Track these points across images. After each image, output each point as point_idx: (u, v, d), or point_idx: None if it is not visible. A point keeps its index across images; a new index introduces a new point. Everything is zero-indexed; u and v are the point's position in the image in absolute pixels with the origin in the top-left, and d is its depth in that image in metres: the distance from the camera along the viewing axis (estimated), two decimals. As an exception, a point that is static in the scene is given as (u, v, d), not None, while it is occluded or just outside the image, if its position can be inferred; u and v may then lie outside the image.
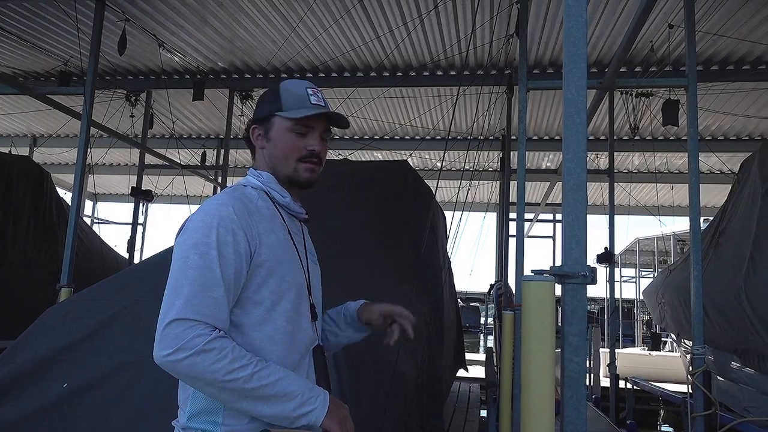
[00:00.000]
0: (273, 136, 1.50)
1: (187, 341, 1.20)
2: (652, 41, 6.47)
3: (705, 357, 4.00)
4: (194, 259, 1.28)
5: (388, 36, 6.66)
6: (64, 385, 2.52)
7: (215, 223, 1.31)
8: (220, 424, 1.30)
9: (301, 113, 1.46)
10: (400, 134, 10.36)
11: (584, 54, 1.57)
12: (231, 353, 1.23)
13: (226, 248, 1.30)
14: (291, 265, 1.43)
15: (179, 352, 1.20)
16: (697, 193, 4.22)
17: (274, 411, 1.27)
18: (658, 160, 10.45)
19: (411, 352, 3.33)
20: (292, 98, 1.48)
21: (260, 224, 1.38)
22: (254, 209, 1.40)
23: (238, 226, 1.33)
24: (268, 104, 1.51)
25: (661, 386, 9.04)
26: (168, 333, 1.21)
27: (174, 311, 1.22)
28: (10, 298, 5.87)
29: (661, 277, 9.12)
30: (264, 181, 1.50)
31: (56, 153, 11.93)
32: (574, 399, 1.35)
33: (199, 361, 1.20)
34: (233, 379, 1.22)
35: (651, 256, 17.09)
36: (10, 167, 6.68)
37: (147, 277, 3.15)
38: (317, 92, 1.52)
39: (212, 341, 1.22)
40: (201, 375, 1.21)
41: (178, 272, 1.28)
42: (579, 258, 1.41)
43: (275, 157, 1.50)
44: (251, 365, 1.25)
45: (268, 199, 1.48)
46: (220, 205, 1.35)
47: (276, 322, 1.37)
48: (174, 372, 1.23)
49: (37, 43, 7.22)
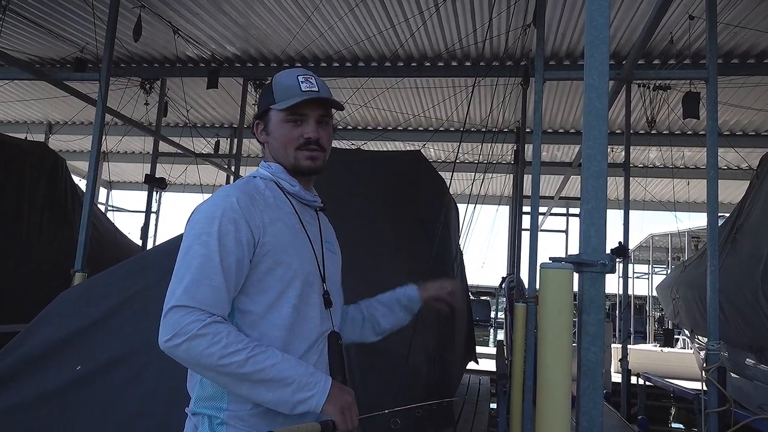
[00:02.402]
0: (271, 129, 1.54)
1: (183, 326, 1.24)
2: (671, 33, 6.36)
3: (720, 353, 3.94)
4: (196, 248, 1.33)
5: (403, 25, 6.61)
6: (78, 367, 2.54)
7: (218, 214, 1.35)
8: (224, 409, 1.34)
9: (289, 102, 1.47)
10: (414, 125, 10.30)
11: (606, 39, 1.53)
12: (225, 338, 1.25)
13: (227, 237, 1.33)
14: (299, 253, 1.44)
15: (176, 338, 1.24)
16: (716, 187, 4.16)
17: (272, 396, 1.28)
18: (674, 155, 10.33)
19: (422, 344, 3.32)
20: (282, 89, 1.51)
21: (265, 213, 1.41)
22: (260, 198, 1.43)
23: (240, 216, 1.36)
24: (265, 99, 1.55)
25: (673, 382, 8.98)
26: (168, 320, 1.26)
27: (174, 299, 1.27)
28: (24, 282, 5.93)
29: (675, 273, 9.03)
30: (273, 171, 1.53)
31: (72, 140, 12.01)
32: (591, 389, 1.33)
33: (194, 346, 1.24)
34: (228, 363, 1.24)
35: (664, 253, 16.94)
36: (25, 153, 6.73)
37: (157, 264, 3.16)
38: (310, 78, 1.52)
39: (207, 326, 1.25)
40: (198, 359, 1.25)
41: (181, 261, 1.34)
42: (598, 246, 1.39)
43: (276, 149, 1.54)
44: (246, 350, 1.27)
45: (276, 189, 1.50)
46: (224, 196, 1.39)
47: (282, 310, 1.39)
48: (174, 357, 1.27)
49: (53, 30, 7.25)
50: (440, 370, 3.80)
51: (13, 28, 7.25)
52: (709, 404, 3.90)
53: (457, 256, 5.42)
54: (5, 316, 5.15)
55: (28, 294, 5.60)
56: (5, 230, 6.15)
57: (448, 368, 4.10)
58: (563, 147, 10.94)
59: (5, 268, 5.93)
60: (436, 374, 3.64)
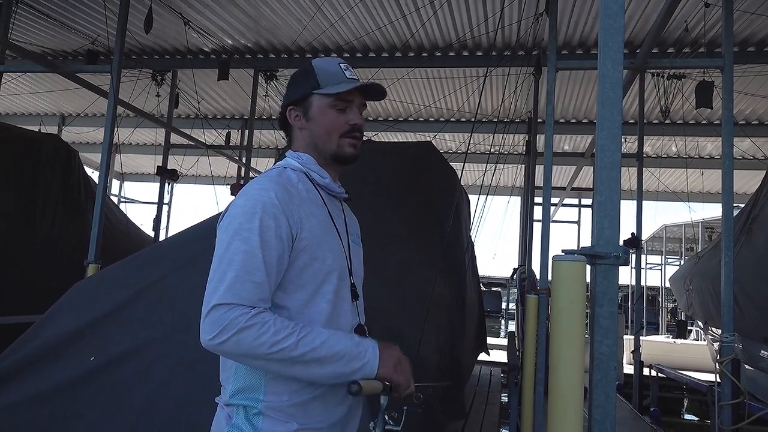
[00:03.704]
0: (313, 114, 1.49)
1: (230, 321, 1.23)
2: (686, 21, 6.27)
3: (734, 345, 3.91)
4: (237, 245, 1.30)
5: (414, 15, 6.57)
6: (92, 358, 2.56)
7: (258, 209, 1.32)
8: (261, 400, 1.33)
9: (341, 88, 1.46)
10: (425, 116, 10.26)
11: (621, 27, 1.51)
12: (273, 325, 1.25)
13: (268, 234, 1.31)
14: (332, 247, 1.43)
15: (224, 333, 1.22)
16: (731, 177, 4.11)
17: (327, 372, 1.29)
18: (688, 145, 10.21)
19: (433, 335, 3.32)
20: (328, 75, 1.48)
21: (301, 208, 1.39)
22: (295, 193, 1.41)
23: (280, 212, 1.34)
24: (304, 84, 1.51)
25: (686, 374, 8.92)
26: (211, 317, 1.24)
27: (216, 297, 1.25)
28: (38, 273, 5.99)
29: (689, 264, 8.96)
30: (303, 162, 1.50)
31: (84, 132, 12.09)
32: (604, 382, 1.32)
33: (243, 338, 1.23)
34: (279, 349, 1.24)
35: (678, 244, 16.79)
36: (39, 145, 6.78)
37: (170, 255, 3.17)
38: (349, 67, 1.52)
39: (253, 317, 1.24)
40: (248, 351, 1.24)
41: (221, 258, 1.31)
42: (611, 238, 1.37)
43: (317, 135, 1.50)
44: (295, 333, 1.27)
45: (307, 181, 1.48)
46: (261, 190, 1.36)
47: (318, 306, 1.39)
48: (222, 353, 1.27)
49: (65, 22, 7.28)
50: (451, 361, 3.80)
51: (26, 21, 7.29)
52: (723, 396, 3.87)
53: (469, 247, 5.41)
54: (20, 308, 5.21)
55: (42, 285, 5.66)
56: (20, 222, 6.22)
57: (458, 359, 4.10)
58: (576, 137, 10.85)
59: (20, 260, 5.99)
60: (446, 365, 3.64)
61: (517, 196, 14.12)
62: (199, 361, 2.27)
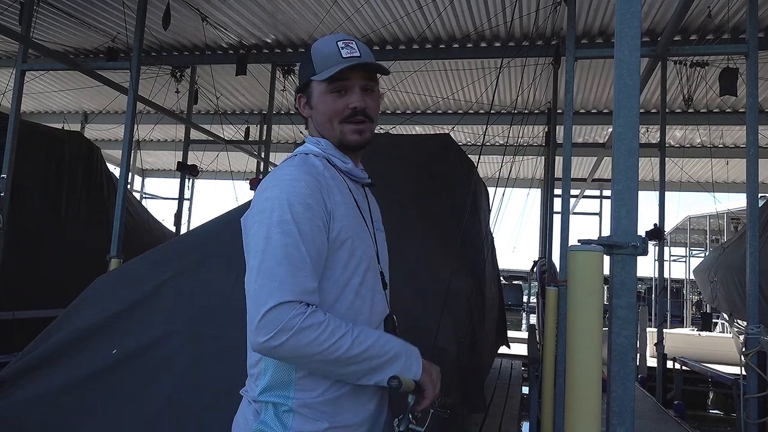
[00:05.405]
0: (314, 102, 1.43)
1: (287, 322, 1.17)
2: (709, 6, 6.13)
3: (760, 337, 3.84)
4: (277, 238, 1.24)
5: (430, 6, 6.52)
6: (113, 351, 2.60)
7: (293, 200, 1.26)
8: (291, 397, 1.29)
9: (330, 71, 1.37)
10: (443, 108, 10.21)
11: (638, 11, 1.47)
12: (329, 325, 1.21)
13: (307, 224, 1.26)
14: (361, 237, 1.38)
15: (281, 335, 1.17)
16: (756, 166, 4.03)
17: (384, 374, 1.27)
18: (712, 134, 10.01)
19: (452, 327, 3.30)
20: (322, 58, 1.40)
21: (330, 197, 1.33)
22: (323, 181, 1.34)
23: (314, 201, 1.28)
24: (304, 70, 1.46)
25: (711, 367, 8.79)
26: (267, 318, 1.18)
27: (271, 296, 1.20)
28: (63, 268, 6.11)
29: (714, 255, 8.81)
30: (323, 147, 1.43)
31: (106, 129, 12.26)
32: (622, 374, 1.29)
33: (301, 339, 1.18)
34: (337, 349, 1.21)
35: (702, 235, 16.51)
36: (62, 142, 6.91)
37: (191, 250, 3.20)
38: (350, 42, 1.41)
39: (309, 317, 1.19)
40: (305, 352, 1.19)
41: (264, 253, 1.24)
42: (629, 227, 1.34)
43: (320, 123, 1.44)
44: (349, 333, 1.24)
45: (330, 167, 1.41)
46: (292, 180, 1.30)
47: (350, 296, 1.34)
48: (277, 355, 1.22)
49: (85, 20, 7.37)
50: (471, 353, 3.78)
51: (48, 20, 7.39)
52: (749, 389, 3.81)
53: (488, 239, 5.37)
54: (45, 302, 5.32)
55: (66, 280, 5.76)
56: (46, 217, 6.34)
57: (479, 352, 4.08)
58: (596, 127, 10.71)
59: (45, 255, 6.11)
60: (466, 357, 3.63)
61: (538, 188, 14.01)
62: (217, 353, 2.29)
